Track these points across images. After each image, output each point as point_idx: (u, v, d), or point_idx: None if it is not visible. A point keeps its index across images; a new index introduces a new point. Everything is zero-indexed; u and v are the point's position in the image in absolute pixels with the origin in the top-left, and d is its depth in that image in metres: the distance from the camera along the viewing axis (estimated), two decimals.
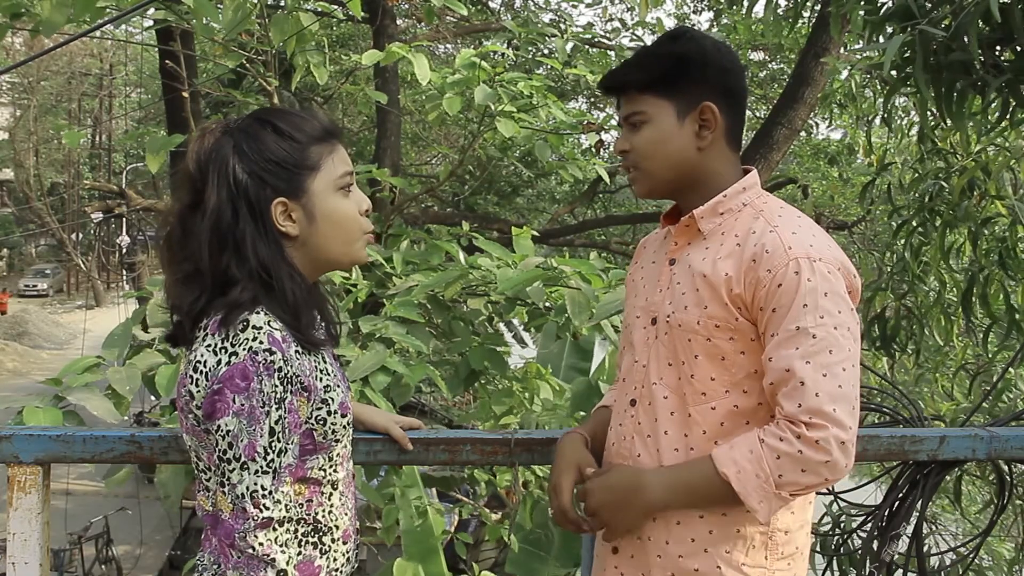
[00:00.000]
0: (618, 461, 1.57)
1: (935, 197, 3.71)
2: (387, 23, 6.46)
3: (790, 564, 1.48)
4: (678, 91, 1.51)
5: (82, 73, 30.56)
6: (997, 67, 2.21)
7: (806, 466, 1.34)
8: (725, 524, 1.45)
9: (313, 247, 1.42)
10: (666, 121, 1.51)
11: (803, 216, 1.51)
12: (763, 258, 1.42)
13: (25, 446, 1.77)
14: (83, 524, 10.89)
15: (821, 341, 1.36)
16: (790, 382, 1.37)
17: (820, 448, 1.33)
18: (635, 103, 1.53)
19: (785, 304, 1.39)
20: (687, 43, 1.52)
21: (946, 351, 4.66)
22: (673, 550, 1.48)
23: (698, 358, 1.47)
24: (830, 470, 1.34)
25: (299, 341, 1.35)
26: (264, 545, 1.29)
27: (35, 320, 27.82)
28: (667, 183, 1.56)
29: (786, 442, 1.35)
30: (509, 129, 4.05)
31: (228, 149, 1.38)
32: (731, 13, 9.09)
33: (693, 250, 1.53)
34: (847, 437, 1.34)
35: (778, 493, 1.37)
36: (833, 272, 1.41)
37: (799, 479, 1.35)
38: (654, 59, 1.54)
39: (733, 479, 1.38)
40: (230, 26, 3.50)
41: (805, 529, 1.52)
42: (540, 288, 3.39)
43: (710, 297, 1.46)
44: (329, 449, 1.42)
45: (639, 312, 1.60)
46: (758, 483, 1.37)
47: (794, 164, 11.70)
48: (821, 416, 1.34)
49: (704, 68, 1.50)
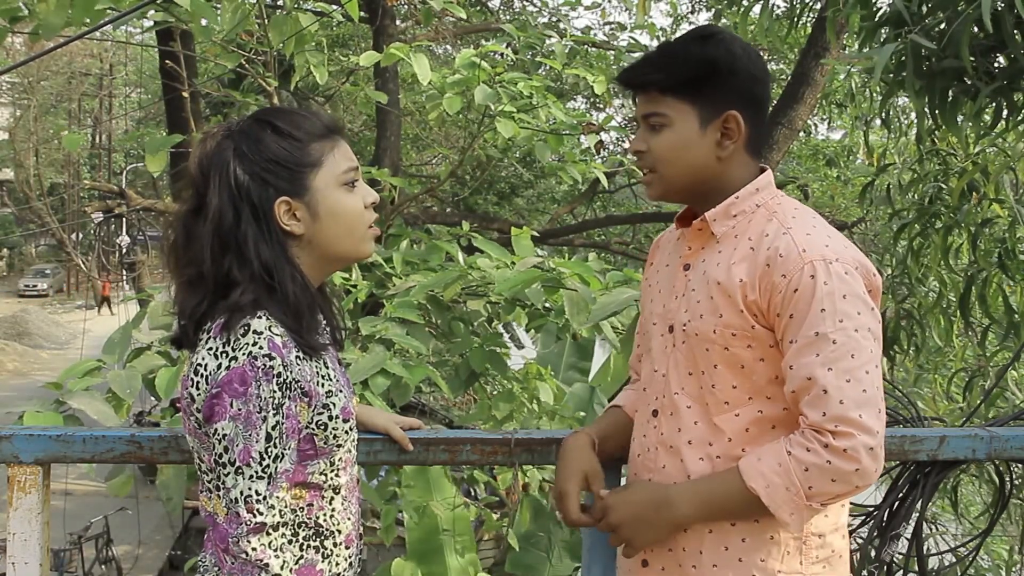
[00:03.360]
0: (644, 474, 1.54)
1: (935, 200, 3.71)
2: (387, 23, 6.46)
3: (825, 568, 1.46)
4: (703, 97, 1.45)
5: (82, 73, 30.51)
6: (989, 74, 2.21)
7: (836, 476, 1.32)
8: (758, 531, 1.43)
9: (319, 244, 1.41)
10: (687, 127, 1.46)
11: (818, 216, 1.47)
12: (777, 262, 1.39)
13: (25, 446, 1.77)
14: (83, 524, 10.87)
15: (842, 346, 1.34)
16: (812, 390, 1.34)
17: (849, 457, 1.31)
18: (656, 103, 1.47)
19: (802, 310, 1.36)
20: (717, 46, 1.45)
21: (946, 352, 4.66)
22: (707, 560, 1.45)
23: (717, 367, 1.44)
24: (860, 477, 1.33)
25: (300, 346, 1.35)
26: (257, 550, 1.29)
27: (35, 320, 27.81)
28: (683, 189, 1.52)
29: (813, 452, 1.33)
30: (509, 129, 4.05)
31: (229, 152, 1.38)
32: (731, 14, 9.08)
33: (707, 255, 1.49)
34: (875, 443, 1.32)
35: (809, 505, 1.35)
36: (851, 272, 1.38)
37: (830, 489, 1.34)
38: (680, 60, 1.46)
39: (763, 494, 1.36)
40: (228, 27, 3.50)
41: (840, 532, 1.50)
42: (539, 290, 3.39)
43: (725, 305, 1.43)
44: (331, 454, 1.42)
45: (656, 319, 1.57)
46: (788, 496, 1.35)
47: (794, 164, 11.70)
48: (847, 424, 1.32)
49: (732, 75, 1.44)
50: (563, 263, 3.54)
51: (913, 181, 3.95)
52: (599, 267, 3.63)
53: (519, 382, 4.25)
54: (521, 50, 4.90)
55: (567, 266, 3.47)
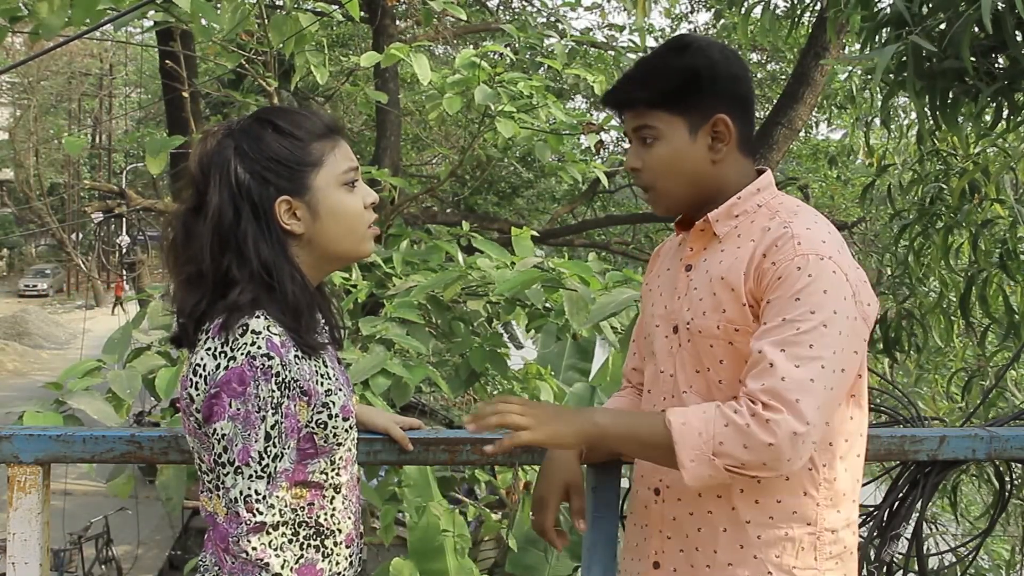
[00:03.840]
0: (650, 471, 1.54)
1: (935, 200, 3.71)
2: (387, 23, 6.47)
3: (838, 563, 1.46)
4: (690, 106, 1.47)
5: (82, 73, 30.53)
6: (990, 74, 2.21)
7: (748, 443, 1.30)
8: (772, 527, 1.43)
9: (319, 244, 1.42)
10: (678, 137, 1.47)
11: (820, 216, 1.48)
12: (772, 251, 1.40)
13: (25, 446, 1.76)
14: (83, 524, 10.87)
15: (803, 334, 1.33)
16: (760, 364, 1.34)
17: (768, 429, 1.29)
18: (644, 117, 1.49)
19: (779, 296, 1.37)
20: (695, 56, 1.47)
21: (946, 352, 4.67)
22: (722, 558, 1.45)
23: (723, 363, 1.45)
24: (771, 456, 1.30)
25: (299, 345, 1.35)
26: (257, 549, 1.29)
27: (35, 320, 27.79)
28: (685, 199, 1.53)
29: (739, 414, 1.32)
30: (509, 129, 4.05)
31: (229, 150, 1.38)
32: (731, 14, 9.09)
33: (709, 255, 1.51)
34: (802, 431, 1.29)
35: (712, 460, 1.32)
36: (839, 273, 1.37)
37: (738, 454, 1.31)
38: (661, 75, 1.48)
39: (675, 428, 1.34)
40: (228, 27, 3.50)
41: (851, 528, 1.50)
42: (539, 290, 3.39)
43: (728, 300, 1.44)
44: (331, 453, 1.41)
45: (659, 321, 1.58)
46: (698, 441, 1.33)
47: (793, 164, 11.70)
48: (781, 401, 1.30)
49: (714, 80, 1.47)
50: (563, 263, 3.54)
51: (914, 181, 3.95)
52: (599, 267, 3.63)
53: (519, 382, 4.25)
54: (521, 50, 4.91)
55: (567, 266, 3.47)
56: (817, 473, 1.44)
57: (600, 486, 1.82)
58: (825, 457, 1.44)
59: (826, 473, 1.45)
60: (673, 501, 1.51)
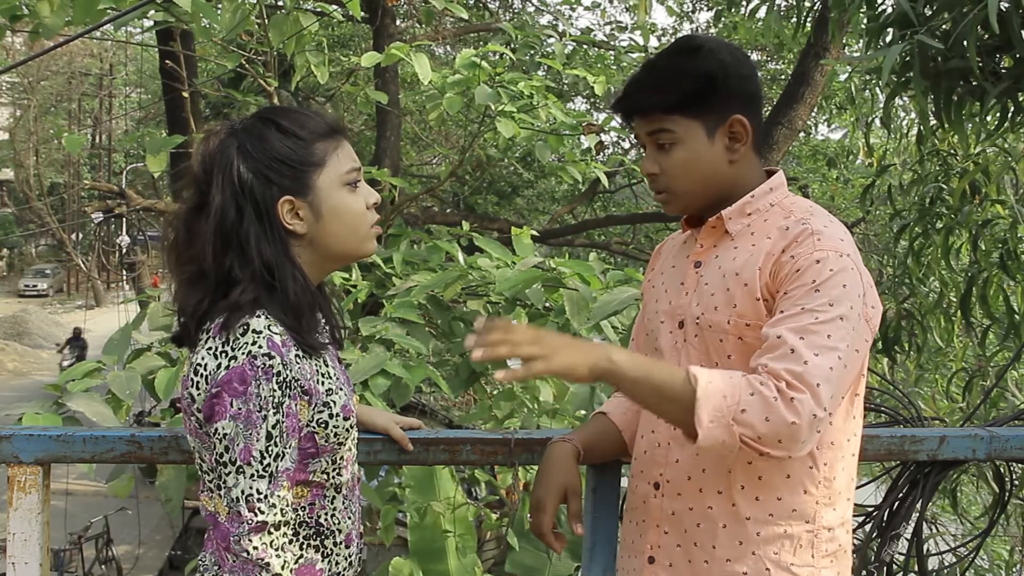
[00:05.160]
0: (654, 469, 1.54)
1: (936, 200, 3.72)
2: (387, 23, 6.47)
3: (833, 561, 1.47)
4: (706, 109, 1.47)
5: (82, 73, 30.53)
6: (996, 74, 2.21)
7: (772, 416, 1.28)
8: (771, 524, 1.44)
9: (321, 244, 1.42)
10: (697, 141, 1.48)
11: (833, 217, 1.49)
12: (792, 247, 1.41)
13: (25, 446, 1.77)
14: (83, 524, 10.87)
15: (822, 324, 1.33)
16: (779, 348, 1.32)
17: (792, 407, 1.28)
18: (660, 122, 1.49)
19: (798, 287, 1.37)
20: (708, 58, 1.48)
21: (946, 352, 4.67)
22: (721, 554, 1.45)
23: (731, 357, 1.45)
24: (789, 434, 1.28)
25: (300, 345, 1.35)
26: (259, 549, 1.29)
27: (35, 320, 27.79)
28: (702, 199, 1.53)
29: (766, 387, 1.30)
30: (509, 129, 4.05)
31: (232, 150, 1.38)
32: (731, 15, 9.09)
33: (721, 252, 1.51)
34: (821, 415, 1.29)
35: (731, 425, 1.29)
36: (856, 272, 1.39)
37: (758, 424, 1.28)
38: (676, 79, 1.48)
39: (701, 385, 1.31)
40: (228, 27, 3.50)
41: (846, 527, 1.51)
42: (539, 289, 3.39)
43: (741, 296, 1.44)
44: (332, 452, 1.42)
45: (663, 316, 1.58)
46: (722, 403, 1.30)
47: (794, 164, 11.71)
48: (803, 383, 1.29)
49: (728, 82, 1.47)
50: (563, 262, 3.54)
51: (914, 182, 3.95)
52: (599, 267, 3.63)
53: (519, 381, 4.24)
54: (520, 50, 4.90)
55: (567, 265, 3.47)
56: (817, 471, 1.45)
57: (600, 487, 1.82)
58: (827, 456, 1.45)
59: (826, 472, 1.45)
60: (673, 496, 1.51)
